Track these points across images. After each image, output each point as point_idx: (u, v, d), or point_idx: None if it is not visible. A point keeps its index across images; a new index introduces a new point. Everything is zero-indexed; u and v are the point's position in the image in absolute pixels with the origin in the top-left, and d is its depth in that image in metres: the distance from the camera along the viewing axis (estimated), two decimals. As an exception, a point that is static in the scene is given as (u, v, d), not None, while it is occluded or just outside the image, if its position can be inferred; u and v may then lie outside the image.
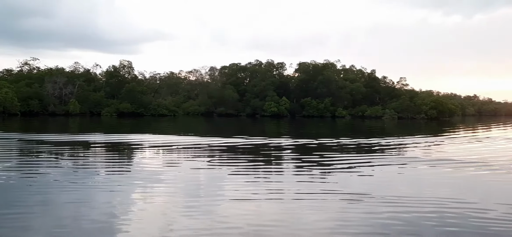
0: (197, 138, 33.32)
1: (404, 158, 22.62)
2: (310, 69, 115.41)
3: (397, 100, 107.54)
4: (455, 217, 10.33)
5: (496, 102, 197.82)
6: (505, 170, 18.46)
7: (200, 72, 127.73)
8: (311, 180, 15.60)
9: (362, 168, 18.56)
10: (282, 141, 31.55)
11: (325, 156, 22.64)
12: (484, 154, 24.39)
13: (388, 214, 10.54)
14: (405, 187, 14.41)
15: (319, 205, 11.57)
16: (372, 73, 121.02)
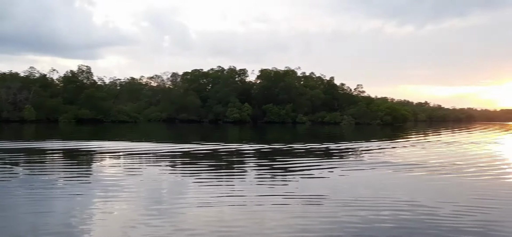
0: (159, 144, 32.79)
1: (361, 162, 23.23)
2: (272, 76, 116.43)
3: (354, 107, 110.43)
4: (409, 218, 10.73)
5: (445, 109, 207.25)
6: (453, 172, 19.31)
7: (162, 78, 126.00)
8: (273, 184, 15.74)
9: (322, 172, 18.89)
10: (244, 147, 31.61)
11: (286, 161, 22.88)
12: (434, 157, 25.45)
13: (347, 216, 10.80)
14: (363, 190, 14.78)
15: (281, 209, 11.68)
16: (331, 80, 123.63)
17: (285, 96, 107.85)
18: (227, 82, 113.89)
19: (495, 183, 16.74)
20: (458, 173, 18.96)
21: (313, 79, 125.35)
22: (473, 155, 27.86)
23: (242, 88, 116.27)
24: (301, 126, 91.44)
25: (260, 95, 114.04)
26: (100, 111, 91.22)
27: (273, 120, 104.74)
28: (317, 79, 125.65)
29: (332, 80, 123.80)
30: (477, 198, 13.49)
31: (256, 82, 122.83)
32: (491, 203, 12.67)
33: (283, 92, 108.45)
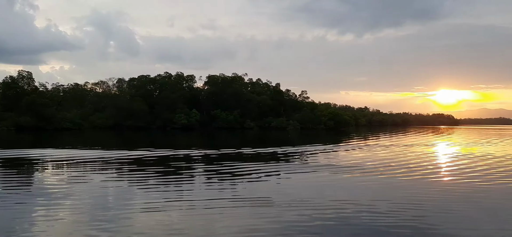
0: (105, 151, 31.71)
1: (306, 165, 23.84)
2: (219, 82, 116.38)
3: (299, 112, 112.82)
4: (350, 216, 11.24)
5: (383, 113, 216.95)
6: (389, 173, 20.39)
7: (108, 84, 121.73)
8: (221, 188, 15.79)
9: (269, 175, 19.22)
10: (192, 153, 31.35)
11: (234, 165, 22.99)
12: (373, 160, 26.70)
13: (293, 216, 11.11)
14: (308, 191, 15.21)
15: (229, 212, 11.77)
16: (277, 87, 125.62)
17: (233, 102, 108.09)
18: (174, 88, 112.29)
19: (425, 181, 17.90)
20: (393, 174, 20.08)
21: (260, 85, 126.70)
22: (406, 157, 29.54)
23: (190, 94, 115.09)
24: (249, 131, 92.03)
25: (208, 101, 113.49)
26: (42, 119, 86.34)
27: (222, 125, 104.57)
28: (263, 85, 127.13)
29: (278, 86, 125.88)
30: (409, 195, 14.38)
31: (204, 88, 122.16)
32: (422, 199, 13.60)
33: (231, 98, 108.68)
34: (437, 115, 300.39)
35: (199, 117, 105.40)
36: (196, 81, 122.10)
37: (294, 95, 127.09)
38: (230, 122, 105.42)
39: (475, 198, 14.15)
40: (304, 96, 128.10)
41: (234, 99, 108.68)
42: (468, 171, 21.22)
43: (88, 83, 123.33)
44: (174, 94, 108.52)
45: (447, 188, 16.53)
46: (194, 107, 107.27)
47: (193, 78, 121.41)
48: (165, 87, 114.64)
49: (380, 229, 10.03)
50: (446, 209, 12.31)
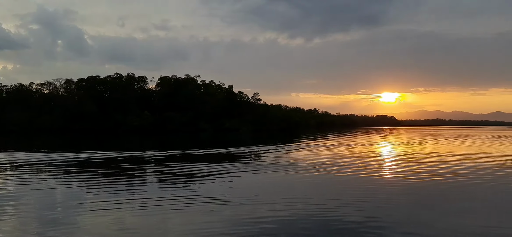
0: (52, 154, 30.13)
1: (259, 165, 23.94)
2: (172, 83, 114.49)
3: (252, 113, 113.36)
4: (302, 212, 11.41)
5: (332, 115, 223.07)
6: (337, 171, 20.98)
7: (55, 85, 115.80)
8: (175, 188, 15.48)
9: (223, 175, 19.13)
10: (144, 154, 30.55)
11: (187, 166, 22.68)
12: (322, 159, 27.40)
13: (247, 214, 11.10)
14: (261, 190, 15.28)
15: (183, 211, 11.57)
16: (230, 88, 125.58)
17: (186, 104, 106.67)
18: (126, 90, 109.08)
19: (369, 178, 18.65)
20: (341, 171, 20.76)
21: (213, 87, 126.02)
22: (353, 156, 30.59)
23: (142, 95, 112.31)
24: (203, 133, 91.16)
25: (161, 103, 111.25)
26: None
27: (175, 127, 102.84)
28: (217, 87, 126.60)
29: (231, 88, 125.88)
30: (357, 191, 14.94)
31: (156, 89, 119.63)
32: (367, 195, 14.28)
33: (184, 100, 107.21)
34: (381, 116, 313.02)
35: (151, 119, 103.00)
36: (148, 82, 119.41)
37: (247, 97, 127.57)
38: (183, 123, 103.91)
39: (414, 192, 15.00)
40: (256, 98, 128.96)
41: (187, 101, 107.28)
42: (407, 168, 22.35)
43: (33, 84, 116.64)
44: (125, 95, 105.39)
45: (389, 184, 17.26)
46: (146, 108, 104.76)
47: (145, 79, 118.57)
48: (116, 88, 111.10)
49: (329, 223, 10.28)
50: (388, 203, 12.91)
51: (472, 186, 16.43)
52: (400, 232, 9.52)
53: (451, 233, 9.54)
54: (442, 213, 11.55)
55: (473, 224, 10.42)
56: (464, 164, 24.74)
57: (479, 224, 10.42)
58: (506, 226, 10.30)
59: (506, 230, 9.96)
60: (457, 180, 18.03)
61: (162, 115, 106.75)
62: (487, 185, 16.82)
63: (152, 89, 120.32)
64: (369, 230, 9.63)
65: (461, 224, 10.36)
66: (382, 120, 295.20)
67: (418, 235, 9.33)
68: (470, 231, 9.68)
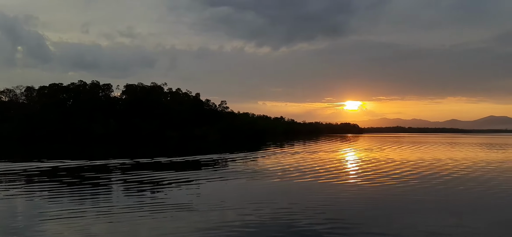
0: (12, 164, 29.08)
1: (227, 172, 24.14)
2: (138, 91, 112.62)
3: (220, 121, 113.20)
4: (269, 219, 11.69)
5: (298, 123, 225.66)
6: (305, 177, 21.49)
7: (15, 93, 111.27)
8: (141, 196, 15.43)
9: (190, 182, 19.19)
10: (109, 162, 30.04)
11: (154, 174, 22.56)
12: (289, 165, 27.91)
13: (215, 220, 11.30)
14: (228, 197, 15.47)
15: (150, 218, 11.59)
16: (197, 96, 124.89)
17: (152, 112, 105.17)
18: (90, 98, 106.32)
19: (333, 184, 19.24)
20: (307, 177, 21.28)
21: (180, 95, 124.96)
22: (318, 162, 31.33)
23: (107, 103, 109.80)
24: (170, 140, 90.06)
25: (127, 111, 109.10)
26: None
27: (141, 135, 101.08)
28: (184, 95, 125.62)
29: (198, 96, 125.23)
30: (321, 197, 15.39)
31: (122, 97, 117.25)
32: (329, 200, 14.70)
33: (151, 108, 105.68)
34: (344, 124, 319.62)
35: (117, 127, 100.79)
36: (114, 90, 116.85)
37: (214, 105, 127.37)
38: (150, 131, 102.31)
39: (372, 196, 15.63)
40: (223, 106, 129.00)
41: (153, 109, 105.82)
42: (366, 174, 23.20)
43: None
44: (89, 103, 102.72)
45: (350, 188, 17.90)
46: (111, 117, 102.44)
47: (110, 87, 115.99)
48: (80, 96, 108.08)
49: (295, 227, 10.61)
50: (349, 207, 13.44)
51: (423, 189, 17.32)
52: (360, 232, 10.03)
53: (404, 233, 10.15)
54: (397, 215, 12.21)
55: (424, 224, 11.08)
56: (417, 169, 25.91)
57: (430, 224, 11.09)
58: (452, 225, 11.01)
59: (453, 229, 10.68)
60: (410, 184, 18.92)
61: (128, 123, 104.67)
62: (438, 187, 17.78)
63: (118, 97, 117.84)
64: (331, 232, 10.09)
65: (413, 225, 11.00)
66: (346, 128, 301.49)
67: (376, 234, 9.87)
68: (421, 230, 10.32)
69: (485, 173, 23.79)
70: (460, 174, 22.87)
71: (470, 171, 24.78)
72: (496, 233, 10.30)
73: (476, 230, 10.49)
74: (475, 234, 10.08)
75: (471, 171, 24.78)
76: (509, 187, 18.24)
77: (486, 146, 65.09)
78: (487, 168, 26.48)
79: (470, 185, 18.50)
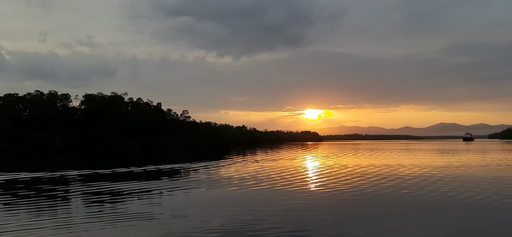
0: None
1: (189, 182, 24.16)
2: (98, 101, 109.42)
3: (181, 131, 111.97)
4: (232, 226, 11.94)
5: (259, 131, 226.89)
6: (266, 185, 21.92)
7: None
8: (101, 206, 15.22)
9: (152, 193, 19.10)
10: (68, 174, 29.21)
11: (115, 185, 22.24)
12: (251, 174, 28.28)
13: (177, 231, 11.41)
14: (190, 206, 15.61)
15: (110, 228, 11.53)
16: (159, 106, 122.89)
17: (113, 122, 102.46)
18: (47, 108, 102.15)
19: (295, 190, 19.79)
20: (268, 185, 21.72)
21: (141, 105, 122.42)
22: (279, 170, 31.93)
23: (65, 114, 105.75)
24: (131, 151, 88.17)
25: (86, 121, 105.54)
26: None
27: (101, 146, 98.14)
28: (145, 105, 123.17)
29: (159, 105, 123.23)
30: (284, 203, 15.84)
31: (80, 107, 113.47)
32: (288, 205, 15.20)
33: (111, 118, 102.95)
34: (305, 132, 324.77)
35: (75, 138, 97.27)
36: (72, 100, 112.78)
37: (175, 115, 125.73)
38: (110, 142, 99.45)
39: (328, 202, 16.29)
40: (185, 116, 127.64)
41: (113, 119, 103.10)
42: (325, 180, 24.01)
43: None
44: (47, 114, 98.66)
45: (313, 195, 18.51)
46: (70, 127, 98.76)
47: (68, 97, 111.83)
48: (37, 106, 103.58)
49: (259, 234, 10.88)
50: (313, 212, 13.96)
51: (375, 194, 18.18)
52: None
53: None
54: (348, 220, 12.87)
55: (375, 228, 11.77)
56: (371, 174, 27.07)
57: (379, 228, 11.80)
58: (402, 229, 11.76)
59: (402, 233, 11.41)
60: (363, 189, 19.77)
61: (87, 134, 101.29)
62: (388, 191, 18.74)
63: (76, 107, 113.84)
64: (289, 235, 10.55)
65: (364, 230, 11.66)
66: (306, 136, 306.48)
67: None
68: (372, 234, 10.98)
69: (436, 177, 25.14)
70: (411, 179, 24.08)
71: (420, 176, 26.13)
72: (446, 235, 10.73)
73: (426, 233, 11.03)
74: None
75: (421, 175, 26.14)
76: (460, 191, 19.38)
77: (437, 152, 68.47)
78: (439, 173, 27.99)
79: (421, 190, 19.55)
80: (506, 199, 16.12)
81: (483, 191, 18.38)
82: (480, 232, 11.06)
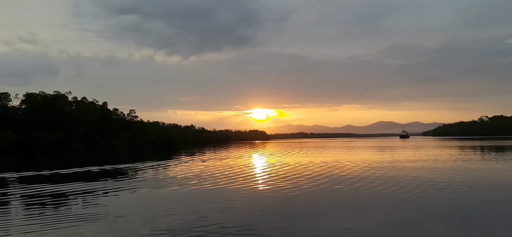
0: None
1: (134, 181, 23.99)
2: (39, 101, 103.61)
3: (128, 131, 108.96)
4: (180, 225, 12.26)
5: (208, 131, 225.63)
6: (215, 184, 22.38)
7: None
8: (43, 209, 14.87)
9: (96, 193, 18.85)
10: (8, 176, 27.85)
11: (58, 187, 21.65)
12: (199, 173, 28.56)
13: (121, 231, 11.60)
14: (135, 206, 15.70)
15: (51, 229, 11.46)
16: (104, 106, 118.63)
17: (55, 122, 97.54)
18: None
19: (244, 188, 20.39)
20: (218, 183, 22.15)
21: (86, 104, 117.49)
22: (228, 168, 32.46)
23: (3, 114, 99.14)
24: (75, 152, 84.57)
25: (26, 122, 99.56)
26: None
27: (43, 148, 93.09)
28: (90, 104, 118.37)
29: (105, 105, 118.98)
30: (234, 200, 16.40)
31: (21, 107, 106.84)
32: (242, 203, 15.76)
33: (53, 118, 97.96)
34: (253, 131, 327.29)
35: (15, 139, 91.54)
36: (12, 99, 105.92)
37: (122, 114, 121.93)
38: (53, 143, 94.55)
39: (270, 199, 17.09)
40: (132, 115, 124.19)
41: (56, 119, 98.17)
42: (270, 177, 24.91)
43: None
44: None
45: (255, 192, 19.21)
46: (9, 128, 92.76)
47: (7, 96, 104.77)
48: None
49: (210, 232, 11.16)
50: (255, 208, 14.66)
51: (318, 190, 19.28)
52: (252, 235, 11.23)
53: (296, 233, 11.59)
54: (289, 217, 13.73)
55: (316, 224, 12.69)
56: (314, 171, 28.39)
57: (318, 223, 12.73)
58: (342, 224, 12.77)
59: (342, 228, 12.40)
60: (305, 186, 20.82)
61: (28, 134, 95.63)
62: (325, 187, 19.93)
63: (17, 107, 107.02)
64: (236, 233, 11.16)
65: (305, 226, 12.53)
66: (254, 135, 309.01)
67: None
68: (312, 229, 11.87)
69: (371, 172, 26.84)
70: (346, 175, 25.58)
71: (355, 172, 27.77)
72: (384, 230, 11.17)
73: (364, 228, 11.62)
74: (364, 233, 10.84)
75: (357, 171, 27.80)
76: (390, 184, 20.92)
77: (376, 148, 72.27)
78: (378, 169, 29.84)
79: (354, 184, 20.94)
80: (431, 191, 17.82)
81: (409, 184, 20.09)
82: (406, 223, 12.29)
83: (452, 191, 17.85)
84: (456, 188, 18.59)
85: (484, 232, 10.73)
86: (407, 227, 11.42)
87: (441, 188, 18.67)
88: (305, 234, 10.72)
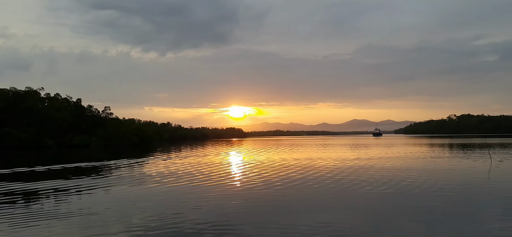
0: None
1: (109, 179, 23.71)
2: (10, 97, 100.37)
3: (103, 128, 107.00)
4: (156, 224, 12.35)
5: (184, 128, 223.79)
6: (195, 182, 22.39)
7: None
8: (13, 208, 14.59)
9: (70, 191, 18.59)
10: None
11: (29, 185, 21.19)
12: (176, 170, 28.46)
13: (95, 229, 11.56)
14: (110, 204, 15.57)
15: (22, 227, 11.32)
16: (78, 102, 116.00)
17: (27, 119, 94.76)
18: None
19: (220, 186, 20.51)
20: (194, 181, 22.18)
21: (59, 101, 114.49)
22: (205, 166, 32.46)
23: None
24: (47, 150, 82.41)
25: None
26: None
27: (14, 145, 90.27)
28: (63, 101, 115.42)
29: (79, 102, 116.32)
30: (211, 199, 16.49)
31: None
32: (220, 202, 15.87)
33: (25, 115, 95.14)
34: (230, 129, 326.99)
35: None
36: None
37: (97, 111, 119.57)
38: (24, 141, 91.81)
39: (245, 197, 17.31)
40: (107, 112, 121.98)
41: (28, 116, 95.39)
42: (244, 174, 25.12)
43: None
44: None
45: (230, 188, 19.39)
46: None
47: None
48: None
49: (185, 229, 11.26)
50: (238, 205, 14.82)
51: (293, 188, 19.64)
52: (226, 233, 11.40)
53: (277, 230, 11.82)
54: (263, 214, 13.97)
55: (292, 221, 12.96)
56: (281, 168, 28.80)
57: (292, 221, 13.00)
58: (319, 221, 13.09)
59: (320, 225, 12.72)
60: (271, 181, 21.19)
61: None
62: (297, 183, 20.32)
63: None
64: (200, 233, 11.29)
65: (281, 224, 12.79)
66: (231, 132, 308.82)
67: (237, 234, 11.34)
68: (286, 227, 12.12)
69: (347, 170, 27.39)
70: (325, 172, 26.08)
71: (333, 169, 28.32)
72: (360, 226, 11.32)
73: (341, 225, 11.83)
74: (340, 230, 10.91)
75: (334, 169, 28.34)
76: (368, 182, 21.53)
77: (349, 146, 73.60)
78: (350, 166, 30.51)
79: (325, 181, 21.43)
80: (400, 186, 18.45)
81: (379, 180, 20.72)
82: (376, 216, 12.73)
83: (418, 185, 18.56)
84: (422, 183, 19.33)
85: (445, 221, 11.27)
86: (376, 219, 11.87)
87: (408, 183, 19.37)
88: (278, 228, 10.98)
